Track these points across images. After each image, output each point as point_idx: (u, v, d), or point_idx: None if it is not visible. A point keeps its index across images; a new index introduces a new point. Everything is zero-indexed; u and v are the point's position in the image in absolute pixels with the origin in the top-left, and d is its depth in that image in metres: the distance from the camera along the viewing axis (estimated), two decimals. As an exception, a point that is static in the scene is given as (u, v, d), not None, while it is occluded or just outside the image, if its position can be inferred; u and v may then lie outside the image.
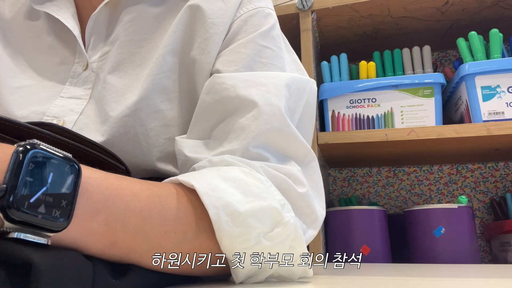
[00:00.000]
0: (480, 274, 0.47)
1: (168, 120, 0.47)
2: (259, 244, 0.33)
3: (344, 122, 0.98)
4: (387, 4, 0.99)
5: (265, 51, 0.46)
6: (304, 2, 0.99)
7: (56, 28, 0.53)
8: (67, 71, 0.51)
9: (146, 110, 0.46)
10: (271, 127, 0.40)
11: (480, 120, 0.87)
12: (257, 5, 0.49)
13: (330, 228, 0.94)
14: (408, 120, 0.94)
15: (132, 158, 0.46)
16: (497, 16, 1.04)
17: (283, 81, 0.43)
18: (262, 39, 0.47)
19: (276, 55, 0.47)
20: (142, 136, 0.46)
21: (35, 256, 0.21)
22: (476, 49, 0.90)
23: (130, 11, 0.51)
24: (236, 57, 0.45)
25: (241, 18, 0.48)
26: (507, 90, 0.87)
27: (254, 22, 0.48)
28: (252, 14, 0.48)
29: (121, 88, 0.48)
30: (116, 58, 0.49)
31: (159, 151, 0.46)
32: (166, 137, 0.47)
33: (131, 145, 0.46)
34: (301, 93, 0.46)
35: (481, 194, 1.11)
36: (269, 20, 0.49)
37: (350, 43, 1.16)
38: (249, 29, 0.47)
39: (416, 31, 1.10)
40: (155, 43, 0.49)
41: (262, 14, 0.49)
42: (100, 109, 0.48)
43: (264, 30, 0.47)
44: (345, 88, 0.97)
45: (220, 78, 0.43)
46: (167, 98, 0.47)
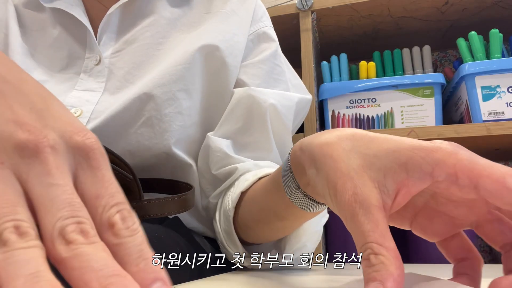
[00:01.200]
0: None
1: (183, 108, 0.51)
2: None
3: (344, 122, 0.98)
4: (387, 4, 0.98)
5: (276, 68, 0.58)
6: (304, 2, 0.99)
7: (64, 22, 0.55)
8: (78, 65, 0.53)
9: (162, 96, 0.49)
10: (284, 142, 0.55)
11: (480, 120, 0.87)
12: (266, 23, 0.60)
13: (330, 228, 0.94)
14: (408, 120, 0.94)
15: (145, 141, 0.49)
16: (497, 16, 1.03)
17: (295, 103, 0.56)
18: (274, 58, 0.58)
19: (282, 71, 0.59)
20: (156, 120, 0.49)
21: None
22: (476, 49, 0.90)
23: (144, 15, 0.55)
24: (257, 72, 0.56)
25: (255, 34, 0.58)
26: (507, 90, 0.87)
27: (266, 40, 0.59)
28: (263, 31, 0.59)
29: (140, 80, 0.51)
30: (136, 59, 0.52)
31: (171, 136, 0.50)
32: (179, 124, 0.51)
33: (145, 128, 0.49)
34: (300, 113, 0.59)
35: (481, 194, 1.11)
36: (274, 38, 0.60)
37: (350, 43, 1.16)
38: (262, 44, 0.58)
39: (416, 31, 1.10)
40: (170, 45, 0.53)
41: (270, 32, 0.60)
42: (116, 98, 0.50)
43: (274, 50, 0.59)
44: (345, 88, 0.97)
45: (256, 92, 0.52)
46: (184, 88, 0.51)
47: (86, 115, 0.49)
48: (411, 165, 0.22)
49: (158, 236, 0.40)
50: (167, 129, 0.49)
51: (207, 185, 0.54)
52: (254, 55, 0.58)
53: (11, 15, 0.55)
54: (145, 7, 0.55)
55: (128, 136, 0.48)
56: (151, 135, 0.49)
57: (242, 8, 0.58)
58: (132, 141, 0.48)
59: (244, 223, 0.45)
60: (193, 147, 0.54)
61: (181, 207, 0.42)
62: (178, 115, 0.50)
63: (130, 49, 0.53)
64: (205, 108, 0.54)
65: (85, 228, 0.16)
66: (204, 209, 0.55)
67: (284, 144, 0.55)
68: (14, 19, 0.55)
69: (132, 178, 0.37)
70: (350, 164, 0.24)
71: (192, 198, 0.45)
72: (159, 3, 0.56)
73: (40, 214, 0.17)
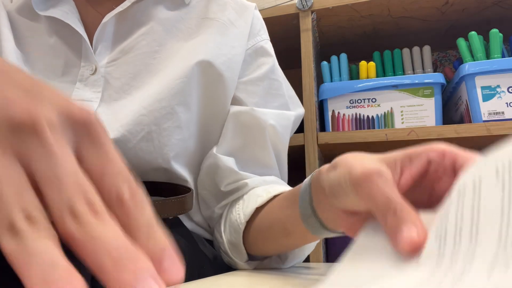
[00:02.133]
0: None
1: (181, 122, 0.50)
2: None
3: (344, 122, 0.98)
4: (387, 4, 0.98)
5: (274, 83, 0.59)
6: (304, 2, 0.99)
7: (59, 30, 0.54)
8: (73, 74, 0.52)
9: (161, 111, 0.49)
10: (280, 159, 0.57)
11: (480, 120, 0.87)
12: (263, 37, 0.61)
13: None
14: (408, 120, 0.94)
15: (145, 155, 0.49)
16: (497, 16, 1.03)
17: (292, 122, 0.58)
18: (272, 73, 0.59)
19: (281, 84, 0.60)
20: (155, 135, 0.49)
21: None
22: (476, 49, 0.90)
23: (140, 22, 0.54)
24: (255, 89, 0.57)
25: (252, 48, 0.58)
26: (507, 90, 0.87)
27: (263, 54, 0.59)
28: (261, 46, 0.59)
29: (137, 92, 0.50)
30: (132, 69, 0.52)
31: (170, 150, 0.49)
32: (178, 138, 0.50)
33: (145, 142, 0.48)
34: (294, 128, 0.61)
35: (481, 194, 1.11)
36: (272, 53, 0.61)
37: (350, 43, 1.16)
38: (259, 59, 0.59)
39: (416, 31, 1.10)
40: (167, 54, 0.53)
41: (267, 46, 0.60)
42: (113, 110, 0.49)
43: (272, 65, 0.59)
44: (345, 88, 0.97)
45: (256, 112, 0.54)
46: (183, 101, 0.50)
47: None
48: (414, 154, 0.28)
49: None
50: (166, 143, 0.49)
51: (210, 197, 0.55)
52: (252, 70, 0.58)
53: (3, 20, 0.53)
54: (140, 15, 0.54)
55: (127, 150, 0.48)
56: (150, 149, 0.49)
57: (240, 19, 0.58)
58: (131, 155, 0.48)
59: (253, 237, 0.46)
60: (191, 159, 0.54)
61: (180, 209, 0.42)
62: (177, 129, 0.50)
63: (126, 58, 0.52)
64: (202, 119, 0.54)
65: (95, 206, 0.17)
66: (207, 219, 0.56)
67: (280, 161, 0.57)
68: (6, 24, 0.53)
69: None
70: (365, 156, 0.29)
71: (190, 200, 0.46)
72: (156, 9, 0.55)
73: (47, 194, 0.16)
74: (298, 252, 0.48)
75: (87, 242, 0.16)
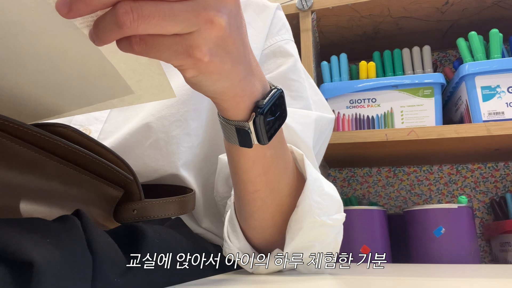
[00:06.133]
0: (480, 274, 0.47)
1: (191, 129, 0.49)
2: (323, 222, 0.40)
3: (344, 122, 0.98)
4: (387, 4, 0.99)
5: (294, 84, 0.54)
6: (304, 2, 0.99)
7: None
8: None
9: (170, 118, 0.48)
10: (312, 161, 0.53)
11: (480, 120, 0.87)
12: (284, 37, 0.57)
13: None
14: (408, 120, 0.94)
15: (151, 163, 0.47)
16: (497, 16, 1.04)
17: (314, 120, 0.52)
18: (292, 73, 0.55)
19: (302, 86, 0.55)
20: (163, 142, 0.47)
21: (36, 254, 0.22)
22: (476, 49, 0.90)
23: None
24: None
25: (270, 48, 0.56)
26: (507, 90, 0.87)
27: (283, 54, 0.56)
28: (280, 46, 0.56)
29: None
30: None
31: (178, 158, 0.48)
32: (187, 145, 0.49)
33: (152, 150, 0.47)
34: (323, 132, 0.56)
35: (481, 194, 1.11)
36: (293, 53, 0.56)
37: (350, 43, 1.17)
38: (277, 59, 0.55)
39: (416, 31, 1.10)
40: None
41: (288, 46, 0.57)
42: (124, 116, 0.49)
43: (292, 65, 0.55)
44: (345, 88, 0.97)
45: None
46: (194, 108, 0.49)
47: (95, 135, 0.48)
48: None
49: (160, 236, 0.40)
50: (174, 151, 0.48)
51: (222, 190, 0.52)
52: (267, 70, 0.55)
53: None
54: None
55: (135, 157, 0.47)
56: (157, 157, 0.47)
57: (258, 19, 0.57)
58: (138, 162, 0.47)
59: (237, 206, 0.44)
60: (198, 166, 0.52)
61: (181, 208, 0.42)
62: (186, 137, 0.49)
63: None
64: (211, 126, 0.52)
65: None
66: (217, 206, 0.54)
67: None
68: None
69: (132, 179, 0.37)
70: None
71: (192, 200, 0.46)
72: None
73: None
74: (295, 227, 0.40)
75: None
